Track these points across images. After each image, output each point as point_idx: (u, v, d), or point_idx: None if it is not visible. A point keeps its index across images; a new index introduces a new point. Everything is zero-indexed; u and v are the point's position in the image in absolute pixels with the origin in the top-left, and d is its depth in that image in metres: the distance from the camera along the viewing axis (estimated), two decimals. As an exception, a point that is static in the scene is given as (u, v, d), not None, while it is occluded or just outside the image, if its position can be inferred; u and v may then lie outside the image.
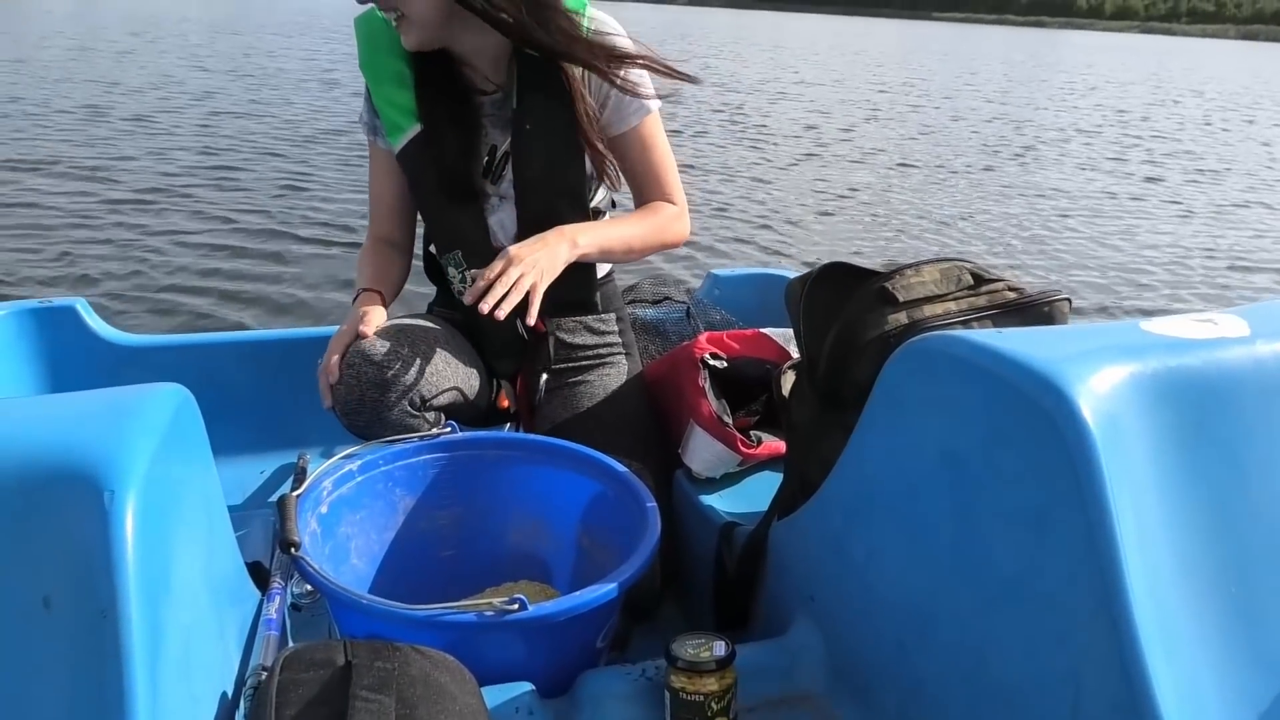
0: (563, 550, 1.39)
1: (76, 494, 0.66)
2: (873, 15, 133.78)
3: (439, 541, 1.39)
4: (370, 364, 1.38)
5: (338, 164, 6.91)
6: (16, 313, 1.75)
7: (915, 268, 1.24)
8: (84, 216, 5.12)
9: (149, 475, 0.70)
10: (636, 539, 1.20)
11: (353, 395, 1.38)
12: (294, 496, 1.21)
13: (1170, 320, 0.99)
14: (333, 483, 1.29)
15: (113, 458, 0.68)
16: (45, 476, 0.67)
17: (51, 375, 1.78)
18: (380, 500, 1.35)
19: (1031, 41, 56.29)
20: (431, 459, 1.37)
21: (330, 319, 3.62)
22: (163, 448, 0.73)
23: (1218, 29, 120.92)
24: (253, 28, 22.95)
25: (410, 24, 1.42)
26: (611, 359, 1.66)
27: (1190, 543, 0.84)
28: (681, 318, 1.97)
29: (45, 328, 1.77)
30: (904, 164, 8.64)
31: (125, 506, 0.67)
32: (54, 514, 0.66)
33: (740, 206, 6.39)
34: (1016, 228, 6.24)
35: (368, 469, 1.34)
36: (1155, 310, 4.63)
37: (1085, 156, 9.78)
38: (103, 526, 0.66)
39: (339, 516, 1.28)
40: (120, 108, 9.08)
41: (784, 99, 14.09)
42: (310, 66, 14.36)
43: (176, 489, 0.77)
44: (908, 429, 1.03)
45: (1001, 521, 0.90)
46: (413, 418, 1.41)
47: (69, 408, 0.78)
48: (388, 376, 1.38)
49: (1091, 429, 0.81)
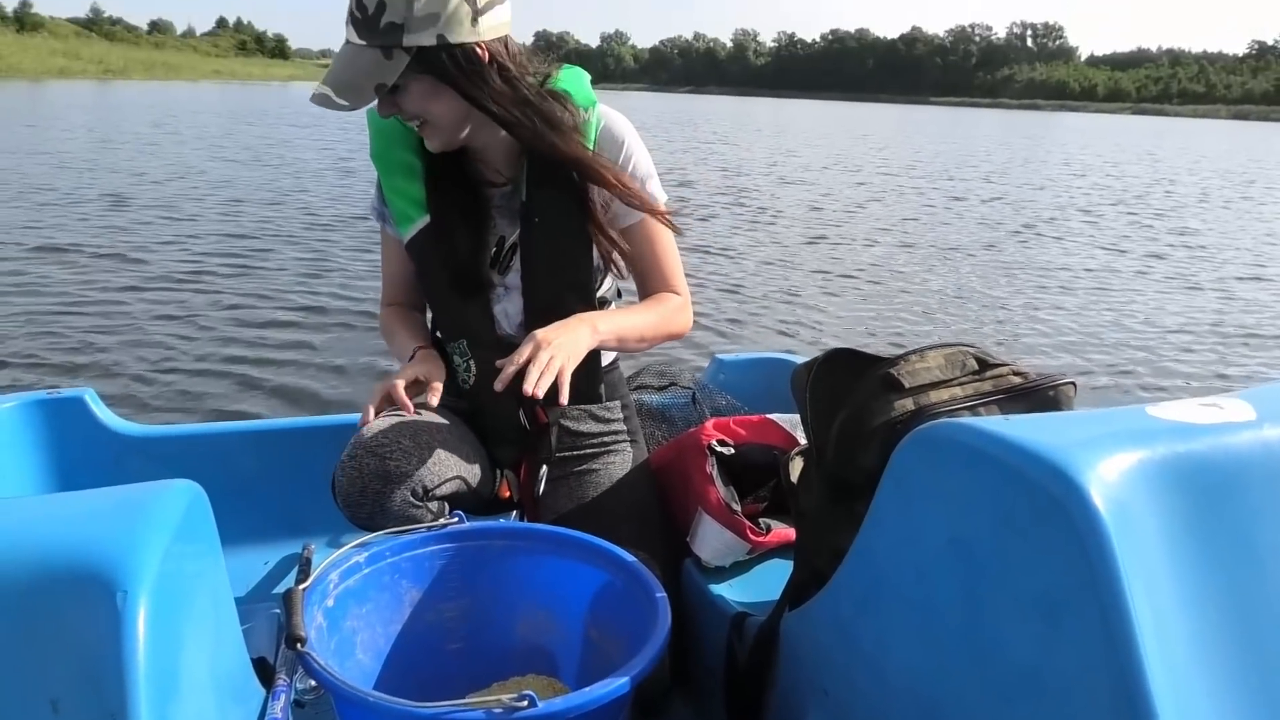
0: (571, 642, 1.37)
1: (88, 595, 0.66)
2: (871, 101, 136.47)
3: (446, 634, 1.37)
4: (372, 456, 1.38)
5: (348, 253, 7.01)
6: (25, 404, 1.76)
7: (920, 353, 1.24)
8: (94, 303, 5.17)
9: (161, 574, 0.69)
10: (646, 631, 1.18)
11: (355, 487, 1.38)
12: (300, 590, 1.20)
13: (1176, 405, 0.99)
14: (339, 575, 1.28)
15: (126, 558, 0.68)
16: (57, 577, 0.67)
17: (60, 466, 1.78)
18: (386, 593, 1.34)
19: (1027, 124, 57.31)
20: (438, 550, 1.37)
21: (334, 409, 3.63)
22: (174, 546, 0.73)
23: (1209, 109, 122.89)
24: (269, 119, 23.53)
25: (435, 129, 1.46)
26: (616, 446, 1.66)
27: (1206, 631, 0.83)
28: (687, 403, 1.98)
29: (54, 418, 1.78)
30: (906, 245, 8.73)
31: (138, 607, 0.66)
32: (65, 615, 0.66)
33: (745, 289, 6.44)
34: (1019, 308, 6.27)
35: (374, 561, 1.33)
36: (1158, 390, 4.63)
37: (1085, 235, 9.88)
38: (114, 628, 0.65)
39: (345, 610, 1.27)
40: (139, 196, 9.30)
41: (787, 182, 14.32)
42: (324, 156, 14.71)
43: (187, 587, 0.76)
44: (917, 517, 1.02)
45: (1014, 610, 0.89)
46: (415, 508, 1.40)
47: (81, 506, 0.78)
48: (389, 468, 1.38)
49: (1103, 516, 0.81)
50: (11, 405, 1.73)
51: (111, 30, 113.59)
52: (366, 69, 1.37)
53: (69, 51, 67.12)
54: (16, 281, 5.63)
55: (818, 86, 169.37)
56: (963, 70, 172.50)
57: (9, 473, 1.68)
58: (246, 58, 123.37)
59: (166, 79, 64.48)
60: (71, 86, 40.93)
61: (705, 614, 1.50)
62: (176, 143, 15.86)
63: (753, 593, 1.50)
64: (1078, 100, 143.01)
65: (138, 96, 34.05)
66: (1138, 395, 4.54)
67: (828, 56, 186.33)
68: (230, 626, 0.92)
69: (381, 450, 1.39)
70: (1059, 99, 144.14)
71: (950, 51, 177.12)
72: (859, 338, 5.38)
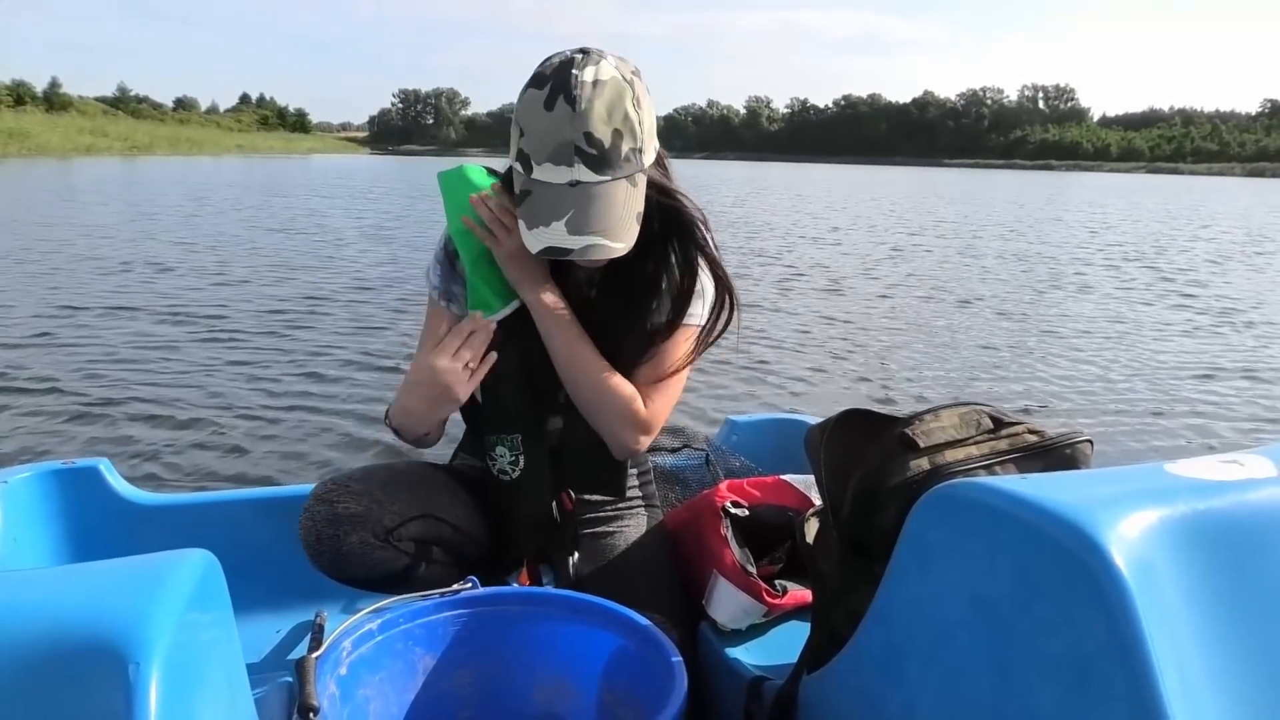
0: (586, 709, 1.35)
1: (101, 667, 0.66)
2: (886, 163, 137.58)
3: (460, 702, 1.35)
4: (320, 503, 1.40)
5: (366, 320, 7.05)
6: (41, 474, 1.76)
7: (934, 413, 1.24)
8: (110, 373, 5.21)
9: (173, 645, 0.69)
10: (663, 696, 1.17)
11: (310, 536, 1.40)
12: (313, 658, 1.18)
13: (1195, 462, 0.98)
14: (351, 643, 1.27)
15: (138, 629, 0.68)
16: (69, 649, 0.66)
17: (75, 537, 1.78)
18: (400, 660, 1.32)
19: (1041, 183, 57.64)
20: (452, 616, 1.35)
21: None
22: (187, 617, 0.73)
23: (1223, 167, 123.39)
24: (301, 190, 24.01)
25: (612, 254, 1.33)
26: (632, 512, 1.66)
27: (1232, 692, 0.82)
28: (701, 465, 1.97)
29: (69, 489, 1.78)
30: (921, 304, 8.74)
31: (150, 679, 0.66)
32: (77, 687, 0.66)
33: (757, 349, 6.45)
34: (1032, 365, 6.25)
35: (387, 628, 1.32)
36: (1175, 447, 4.59)
37: (1100, 292, 9.88)
38: (127, 700, 0.65)
39: (358, 678, 1.25)
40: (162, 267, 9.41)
41: (798, 242, 14.40)
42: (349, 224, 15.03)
43: (200, 658, 0.76)
44: (936, 578, 1.01)
45: (1040, 673, 0.87)
46: (377, 549, 1.40)
47: (93, 577, 0.77)
48: (338, 511, 1.39)
49: (1125, 575, 0.80)
50: (27, 475, 1.74)
51: (138, 108, 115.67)
52: (622, 203, 1.31)
53: (96, 129, 68.69)
54: (34, 352, 5.68)
55: (832, 150, 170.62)
56: (975, 132, 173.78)
57: (24, 544, 1.68)
58: (268, 132, 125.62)
59: (190, 154, 65.83)
60: (98, 163, 41.80)
61: (722, 678, 1.48)
62: (216, 214, 16.22)
63: (770, 656, 1.48)
64: (1091, 160, 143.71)
65: (162, 172, 34.76)
66: (1154, 453, 4.50)
67: (841, 121, 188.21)
68: (243, 697, 0.91)
69: (329, 496, 1.40)
70: (1072, 159, 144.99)
71: (963, 114, 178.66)
72: (872, 397, 5.37)
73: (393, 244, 12.59)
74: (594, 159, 1.28)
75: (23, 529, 1.67)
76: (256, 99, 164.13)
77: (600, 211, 1.29)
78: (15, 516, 1.66)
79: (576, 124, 1.26)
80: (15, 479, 1.70)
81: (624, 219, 1.31)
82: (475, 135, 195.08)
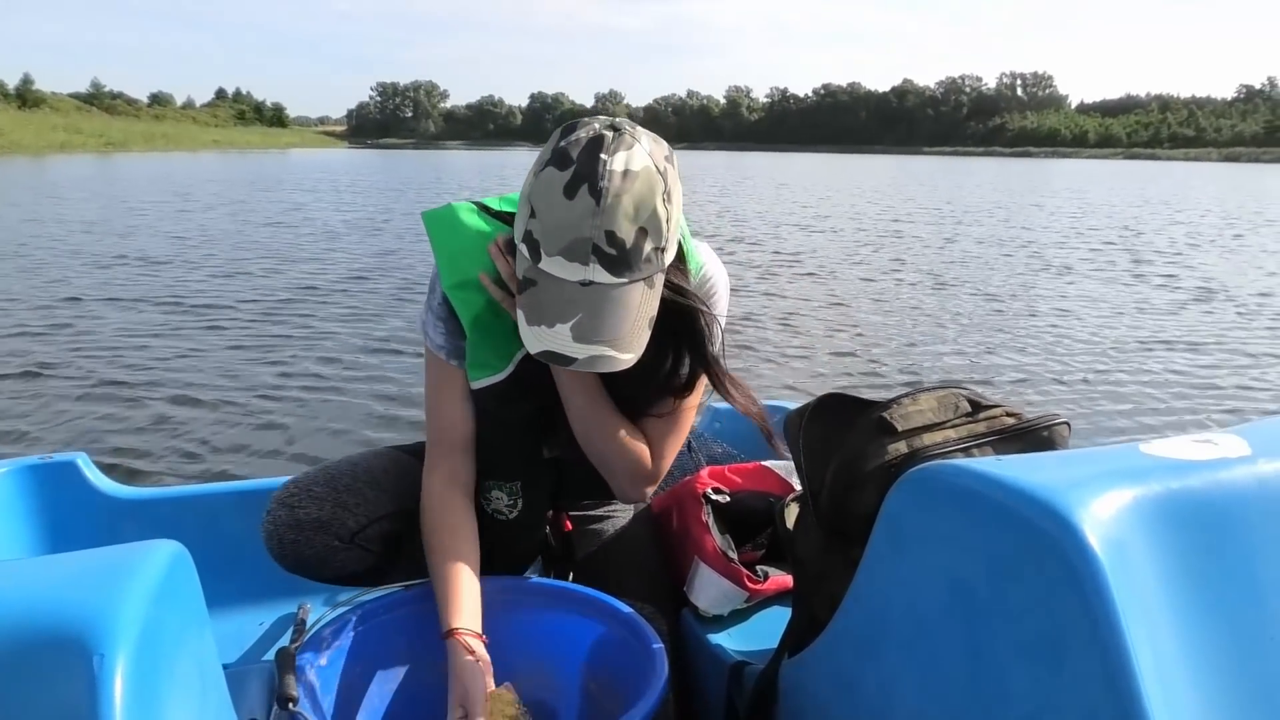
0: (569, 696, 1.35)
1: (65, 658, 0.65)
2: (866, 152, 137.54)
3: (441, 692, 1.35)
4: (281, 507, 1.38)
5: (345, 315, 7.02)
6: (18, 469, 1.75)
7: (912, 396, 1.24)
8: (88, 368, 5.18)
9: (140, 637, 0.68)
10: (644, 683, 1.17)
11: (272, 541, 1.38)
12: (293, 649, 1.18)
13: (1170, 442, 0.99)
14: (332, 634, 1.27)
15: (103, 620, 0.67)
16: (34, 640, 0.66)
17: (53, 531, 1.76)
18: (380, 650, 1.32)
19: (1020, 170, 57.71)
20: (432, 606, 1.35)
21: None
22: (155, 608, 0.72)
23: (1200, 152, 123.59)
24: (284, 185, 23.91)
25: (619, 367, 1.20)
26: (615, 503, 1.65)
27: (1206, 669, 0.82)
28: (683, 452, 1.97)
29: (46, 483, 1.77)
30: (904, 289, 8.76)
31: (115, 670, 0.65)
32: (42, 678, 0.65)
33: (739, 337, 6.45)
34: (1011, 348, 6.28)
35: (367, 619, 1.31)
36: (1151, 428, 4.62)
37: (1079, 277, 9.92)
38: (92, 691, 0.64)
39: (338, 668, 1.25)
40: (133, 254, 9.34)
41: (782, 230, 14.41)
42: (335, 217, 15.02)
43: (169, 650, 0.75)
44: (913, 560, 1.01)
45: (1015, 654, 0.87)
46: (343, 551, 1.38)
47: (61, 569, 0.77)
48: (299, 516, 1.37)
49: (1099, 555, 0.80)
50: (4, 470, 1.73)
51: (112, 104, 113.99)
52: (635, 307, 1.18)
53: (70, 126, 67.65)
54: (20, 343, 5.64)
55: (812, 140, 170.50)
56: (954, 120, 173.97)
57: (1, 538, 1.67)
58: (246, 127, 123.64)
59: (166, 150, 64.75)
60: (73, 160, 41.10)
61: (704, 663, 1.48)
62: (203, 209, 16.16)
63: (751, 641, 1.48)
64: (1069, 147, 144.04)
65: (141, 168, 34.37)
66: (1131, 434, 4.52)
67: (820, 110, 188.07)
68: (217, 688, 0.90)
69: (290, 500, 1.38)
70: (1051, 146, 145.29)
71: (942, 102, 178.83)
72: (850, 382, 5.38)
73: (380, 236, 12.54)
74: (613, 260, 1.14)
75: (0, 522, 1.66)
76: (233, 94, 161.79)
77: (611, 317, 1.16)
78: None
79: (599, 221, 1.12)
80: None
81: (636, 326, 1.18)
82: (454, 128, 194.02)
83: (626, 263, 1.14)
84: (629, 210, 1.13)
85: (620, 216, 1.12)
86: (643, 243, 1.15)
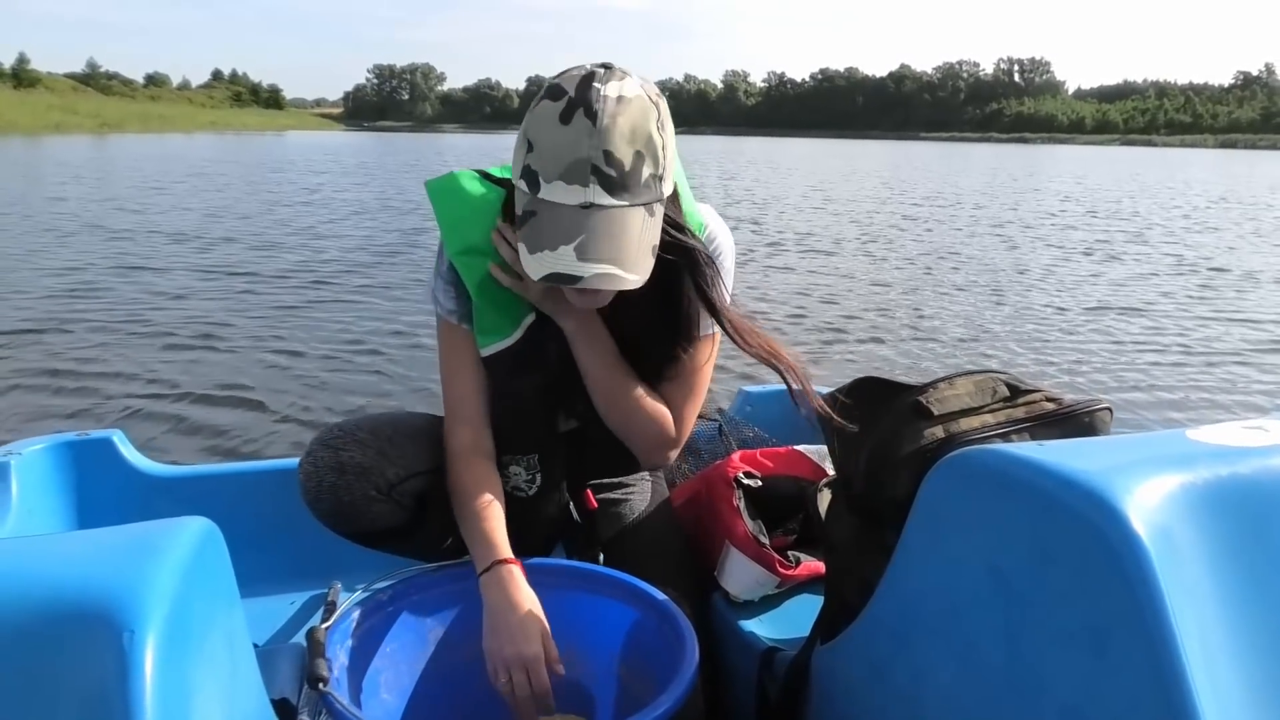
0: (600, 680, 1.35)
1: (96, 633, 0.65)
2: (863, 137, 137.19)
3: (472, 673, 1.34)
4: (325, 448, 1.35)
5: (380, 292, 7.06)
6: (54, 446, 1.76)
7: (949, 380, 1.22)
8: (126, 345, 5.24)
9: (170, 614, 0.68)
10: (674, 668, 1.16)
11: (310, 482, 1.35)
12: (323, 629, 1.19)
13: (1217, 428, 0.96)
14: (362, 614, 1.27)
15: (133, 596, 0.67)
16: (65, 615, 0.66)
17: (88, 508, 1.78)
18: (411, 631, 1.32)
19: (1019, 156, 56.81)
20: (464, 587, 1.34)
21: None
22: (185, 584, 0.72)
23: (1196, 139, 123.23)
24: (293, 166, 24.06)
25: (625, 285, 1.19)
26: (639, 477, 1.63)
27: (1256, 659, 0.80)
28: (714, 435, 1.95)
29: (82, 459, 1.78)
30: (928, 275, 8.68)
31: (145, 646, 0.65)
32: (73, 654, 0.65)
33: (770, 322, 6.42)
34: (1049, 333, 6.20)
35: (398, 599, 1.31)
36: (1197, 414, 4.54)
37: (1113, 262, 9.79)
38: (121, 667, 0.64)
39: (369, 649, 1.25)
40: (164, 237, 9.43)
41: (803, 215, 14.34)
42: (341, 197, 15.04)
43: (199, 627, 0.75)
44: (950, 547, 0.99)
45: (1056, 643, 0.85)
46: (378, 502, 1.35)
47: (91, 545, 0.77)
48: (342, 459, 1.34)
49: (1145, 543, 0.78)
50: (41, 447, 1.74)
51: (108, 85, 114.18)
52: (638, 232, 1.17)
53: (66, 106, 67.20)
54: (51, 320, 5.71)
55: (809, 124, 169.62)
56: (952, 106, 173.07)
57: (37, 514, 1.68)
58: (242, 108, 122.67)
59: (162, 131, 63.93)
60: (69, 141, 40.73)
61: (735, 649, 1.47)
62: (216, 189, 16.25)
63: (783, 627, 1.47)
64: (1066, 133, 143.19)
65: (138, 148, 34.34)
66: (1176, 420, 4.45)
67: (818, 95, 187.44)
68: (248, 666, 0.90)
69: (335, 442, 1.35)
70: (1048, 132, 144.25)
71: (939, 88, 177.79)
72: (885, 367, 5.33)
73: (409, 215, 12.59)
74: (612, 181, 1.14)
75: (37, 500, 1.68)
76: (229, 75, 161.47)
77: (615, 239, 1.15)
78: (29, 487, 1.66)
79: (596, 140, 1.13)
80: (29, 450, 1.70)
81: (640, 250, 1.17)
82: (451, 111, 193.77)
83: (625, 185, 1.15)
84: (625, 132, 1.14)
85: (617, 137, 1.14)
86: (641, 166, 1.16)
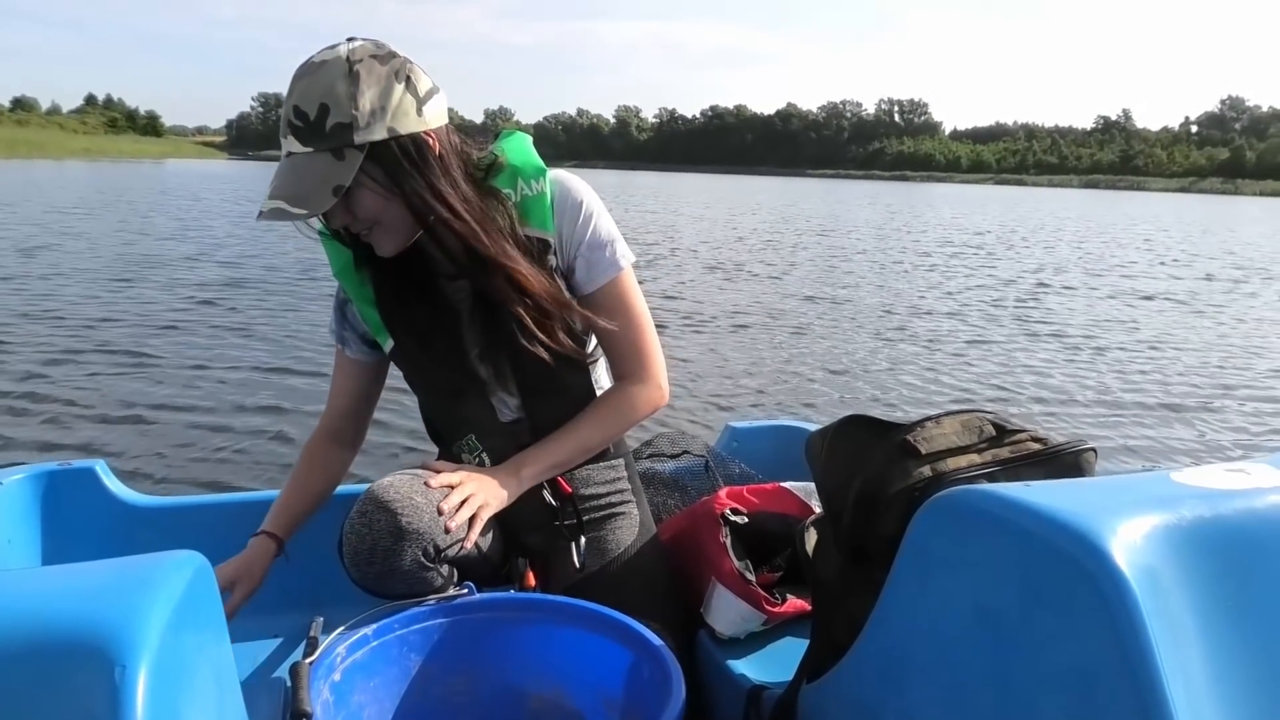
0: (583, 716, 1.34)
1: (87, 668, 0.64)
2: (752, 173, 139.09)
3: (455, 710, 1.34)
4: (383, 511, 1.32)
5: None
6: (36, 475, 1.75)
7: (936, 420, 1.23)
8: (105, 375, 5.20)
9: (161, 648, 0.68)
10: (659, 707, 1.15)
11: (364, 544, 1.32)
12: (306, 664, 1.17)
13: (1201, 470, 0.97)
14: (346, 649, 1.25)
15: (124, 631, 0.66)
16: (54, 650, 0.65)
17: (70, 538, 1.76)
18: (394, 667, 1.31)
19: (903, 194, 56.91)
20: (448, 622, 1.34)
21: (346, 479, 3.59)
22: (176, 619, 0.71)
23: (1062, 179, 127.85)
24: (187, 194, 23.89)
25: (388, 231, 1.40)
26: (623, 509, 1.63)
27: (1240, 701, 0.81)
28: (700, 471, 1.96)
29: (64, 490, 1.77)
30: (916, 313, 8.74)
31: (136, 681, 0.64)
32: (64, 688, 0.64)
33: (759, 356, 6.44)
34: (1033, 374, 6.25)
35: (382, 634, 1.30)
36: (1179, 456, 4.58)
37: (1088, 301, 9.89)
38: (113, 702, 0.63)
39: (352, 684, 1.24)
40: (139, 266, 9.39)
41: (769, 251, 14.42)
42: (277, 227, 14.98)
43: (189, 661, 0.74)
44: (938, 586, 1.00)
45: (1043, 684, 0.86)
46: (426, 570, 1.35)
47: (82, 578, 0.76)
48: (402, 524, 1.32)
49: (1131, 583, 0.79)
50: (22, 476, 1.72)
51: None
52: (319, 174, 1.31)
53: None
54: (26, 356, 5.67)
55: (700, 160, 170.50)
56: (836, 144, 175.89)
57: (19, 544, 1.66)
58: (117, 135, 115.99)
59: (30, 157, 60.73)
60: None
61: (721, 687, 1.46)
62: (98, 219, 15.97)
63: (769, 665, 1.46)
64: (944, 171, 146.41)
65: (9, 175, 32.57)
66: (1159, 461, 4.49)
67: (708, 131, 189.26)
68: (234, 701, 0.90)
69: (394, 505, 1.33)
70: (926, 170, 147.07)
71: (824, 126, 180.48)
72: (871, 405, 5.36)
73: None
74: (298, 130, 1.31)
75: (18, 530, 1.66)
76: (104, 100, 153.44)
77: (294, 180, 1.31)
78: (10, 517, 1.64)
79: (289, 100, 1.32)
80: (10, 480, 1.69)
81: (318, 189, 1.30)
82: None
83: (312, 132, 1.30)
84: (309, 90, 1.30)
85: (301, 94, 1.31)
86: (325, 117, 1.30)
